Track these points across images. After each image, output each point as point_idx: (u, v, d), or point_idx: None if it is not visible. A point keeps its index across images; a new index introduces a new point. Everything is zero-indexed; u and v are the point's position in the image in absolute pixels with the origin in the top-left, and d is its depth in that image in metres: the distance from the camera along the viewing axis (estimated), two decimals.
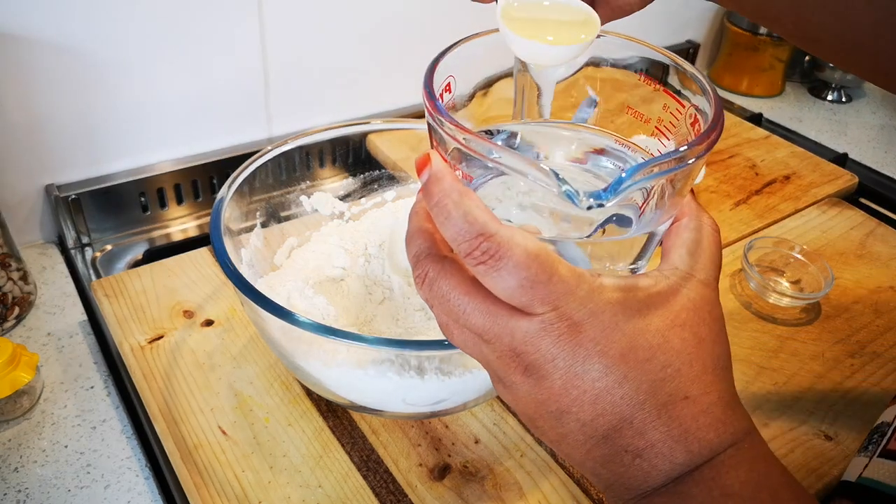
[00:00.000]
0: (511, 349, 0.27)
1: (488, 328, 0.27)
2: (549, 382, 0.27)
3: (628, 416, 0.27)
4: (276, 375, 0.50)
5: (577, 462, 0.29)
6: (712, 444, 0.26)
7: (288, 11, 0.70)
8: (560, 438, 0.28)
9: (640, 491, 0.27)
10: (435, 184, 0.27)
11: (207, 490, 0.42)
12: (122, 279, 0.58)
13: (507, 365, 0.28)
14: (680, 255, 0.29)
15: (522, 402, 0.28)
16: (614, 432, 0.27)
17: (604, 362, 0.26)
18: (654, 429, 0.26)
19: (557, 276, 0.26)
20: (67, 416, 0.50)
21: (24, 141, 0.62)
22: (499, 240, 0.25)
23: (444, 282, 0.28)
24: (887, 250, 0.67)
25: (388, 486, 0.43)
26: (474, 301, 0.27)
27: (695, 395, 0.27)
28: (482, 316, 0.27)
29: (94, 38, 0.61)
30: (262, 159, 0.50)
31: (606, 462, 0.28)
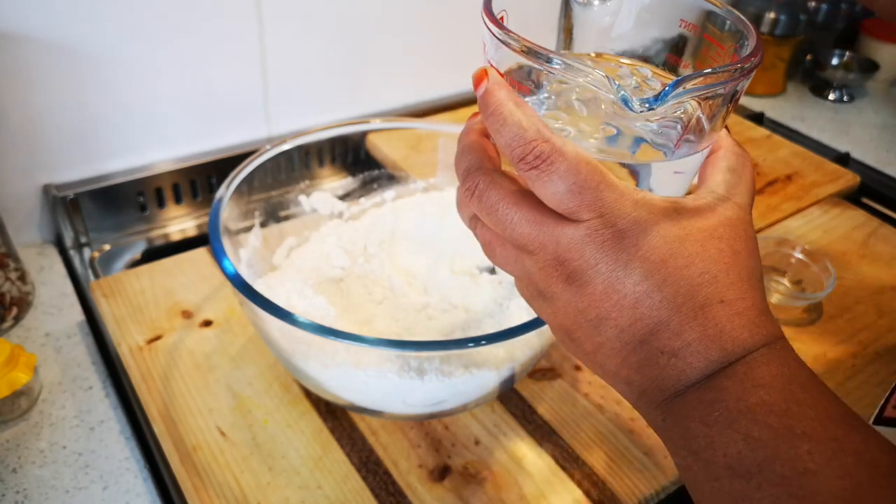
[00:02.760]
0: (555, 257, 0.28)
1: (534, 237, 0.29)
2: (590, 289, 0.28)
3: (665, 318, 0.28)
4: (275, 376, 0.50)
5: (611, 372, 0.30)
6: (746, 344, 0.27)
7: (286, 10, 0.70)
8: (596, 348, 0.29)
9: (675, 390, 0.28)
10: (491, 94, 0.28)
11: (206, 491, 0.42)
12: (120, 279, 0.57)
13: (550, 275, 0.29)
14: (717, 182, 0.30)
15: (561, 312, 0.30)
16: (651, 335, 0.28)
17: (645, 267, 0.28)
18: (691, 329, 0.28)
19: (605, 184, 0.27)
20: (66, 417, 0.50)
21: (22, 140, 0.62)
22: (552, 145, 0.27)
23: (494, 192, 0.29)
24: (889, 250, 0.67)
25: (387, 487, 0.43)
26: (521, 210, 0.29)
27: (730, 299, 0.28)
28: (529, 225, 0.29)
29: (93, 37, 0.61)
30: (260, 159, 0.49)
31: (642, 366, 0.29)
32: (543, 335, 0.43)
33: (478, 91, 0.29)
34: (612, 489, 0.44)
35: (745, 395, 0.27)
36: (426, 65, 0.84)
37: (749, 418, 0.26)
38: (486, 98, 0.28)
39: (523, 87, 0.30)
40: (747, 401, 0.27)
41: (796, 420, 0.26)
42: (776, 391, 0.27)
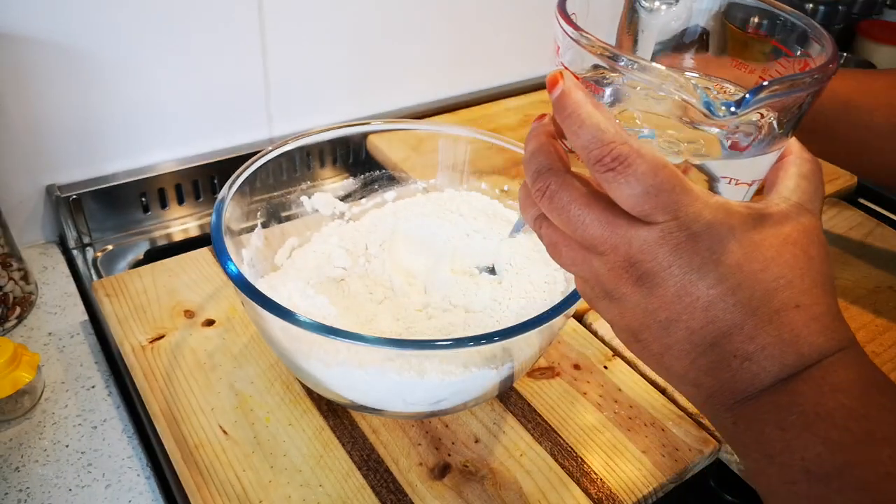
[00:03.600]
0: (626, 258, 0.28)
1: (606, 238, 0.28)
2: (661, 290, 0.28)
3: (739, 322, 0.27)
4: (277, 375, 0.50)
5: (678, 374, 0.30)
6: (822, 348, 0.27)
7: (288, 12, 0.70)
8: (664, 350, 0.29)
9: (747, 394, 0.28)
10: (568, 96, 0.28)
11: (208, 489, 0.42)
12: (123, 279, 0.58)
13: (620, 276, 0.29)
14: (789, 188, 0.30)
15: (629, 314, 0.29)
16: (723, 338, 0.28)
17: (719, 271, 0.27)
18: (766, 333, 0.27)
19: (681, 188, 0.27)
20: (68, 416, 0.50)
21: (25, 141, 0.63)
22: (629, 148, 0.27)
23: (566, 193, 0.29)
24: (886, 250, 0.68)
25: (388, 485, 0.44)
26: (594, 212, 0.29)
27: (806, 304, 0.28)
28: (601, 226, 0.28)
29: (95, 37, 0.61)
30: (262, 160, 0.50)
31: (712, 369, 0.28)
32: (543, 335, 0.43)
33: (553, 93, 0.29)
34: (610, 487, 0.44)
35: (823, 399, 0.27)
36: (427, 66, 0.84)
37: (828, 422, 0.26)
38: (562, 100, 0.28)
39: (597, 90, 0.30)
40: (825, 405, 0.27)
41: (876, 424, 0.26)
42: (854, 396, 0.27)
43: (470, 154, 0.58)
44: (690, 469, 0.46)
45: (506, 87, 0.93)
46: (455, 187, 0.60)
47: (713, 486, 0.54)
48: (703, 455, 0.47)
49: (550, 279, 0.51)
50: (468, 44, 0.86)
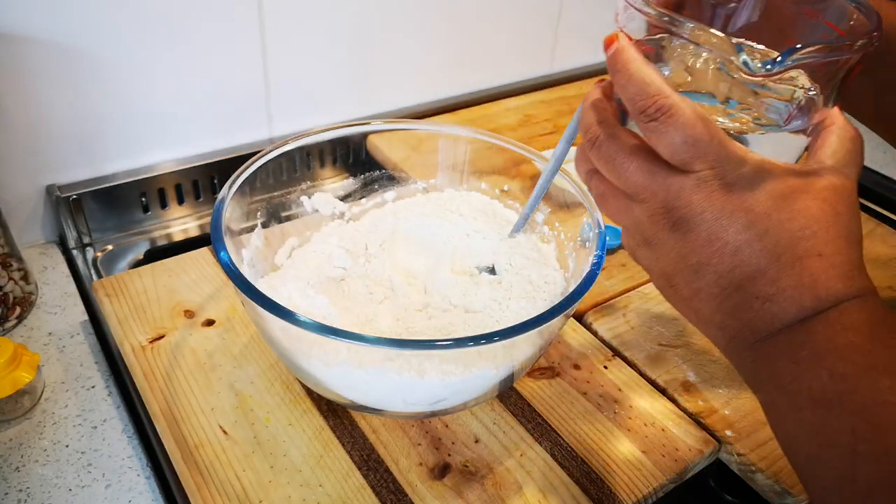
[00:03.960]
0: (664, 204, 0.31)
1: (646, 185, 0.31)
2: (693, 235, 0.31)
3: (764, 266, 0.30)
4: (277, 375, 0.50)
5: (705, 317, 0.32)
6: (839, 294, 0.29)
7: (288, 12, 0.70)
8: (693, 294, 0.32)
9: (766, 332, 0.30)
10: (620, 53, 0.31)
11: (208, 489, 0.42)
12: (123, 279, 0.58)
13: (657, 222, 0.32)
14: (826, 153, 0.32)
15: (664, 258, 0.32)
16: (748, 282, 0.30)
17: (748, 218, 0.30)
18: (787, 277, 0.29)
19: (718, 139, 0.30)
20: (68, 416, 0.50)
21: (24, 141, 0.63)
22: (672, 100, 0.30)
23: (613, 144, 0.32)
24: (886, 250, 0.68)
25: (388, 485, 0.44)
26: (637, 161, 0.31)
27: (828, 253, 0.30)
28: (642, 174, 0.31)
29: (95, 37, 0.61)
30: (262, 159, 0.50)
31: (736, 310, 0.31)
32: (543, 335, 0.43)
33: (608, 52, 0.32)
34: (610, 487, 0.44)
35: (834, 337, 0.29)
36: (427, 66, 0.84)
37: (835, 356, 0.28)
38: (615, 57, 0.31)
39: (650, 50, 0.33)
40: (835, 341, 0.29)
41: (879, 358, 0.28)
42: (863, 334, 0.29)
43: (470, 154, 0.58)
44: (690, 469, 0.46)
45: (506, 87, 0.93)
46: (455, 187, 0.60)
47: (713, 486, 0.54)
48: (703, 455, 0.47)
49: (550, 279, 0.51)
50: (468, 44, 0.86)
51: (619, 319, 0.57)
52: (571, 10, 0.93)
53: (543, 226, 0.56)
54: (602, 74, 1.08)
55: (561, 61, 0.98)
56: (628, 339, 0.55)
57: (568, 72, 0.99)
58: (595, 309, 0.58)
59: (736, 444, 0.47)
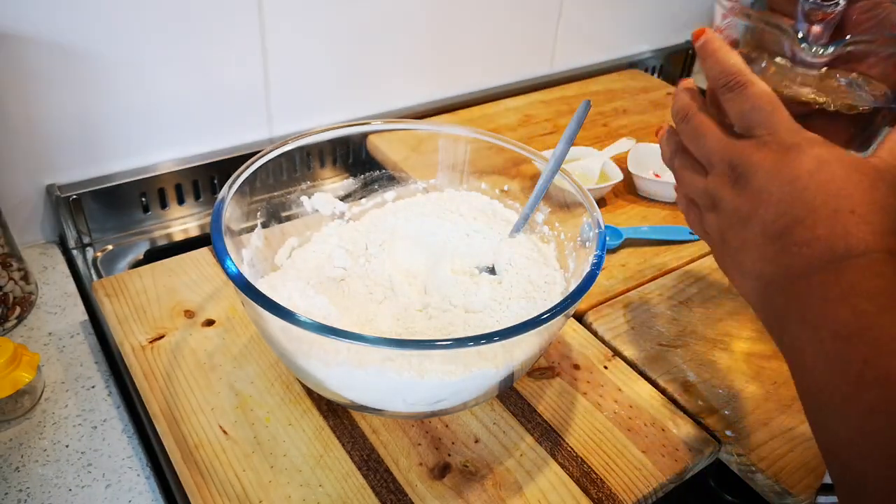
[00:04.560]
0: (729, 163, 0.37)
1: (717, 150, 0.38)
2: (749, 189, 0.36)
3: (802, 216, 0.34)
4: (277, 375, 0.50)
5: (746, 269, 0.37)
6: (869, 245, 0.32)
7: (288, 12, 0.70)
8: (741, 245, 0.37)
9: (800, 275, 0.34)
10: (709, 42, 0.39)
11: (208, 489, 0.42)
12: (122, 279, 0.58)
13: (723, 181, 0.37)
14: (885, 148, 0.36)
15: (723, 215, 0.38)
16: (788, 230, 0.34)
17: (794, 174, 0.34)
18: (823, 226, 0.33)
19: (779, 112, 0.36)
20: (68, 416, 0.50)
21: (25, 141, 0.63)
22: (749, 77, 0.37)
23: (698, 117, 0.39)
24: None
25: (388, 485, 0.44)
26: (713, 130, 0.38)
27: (861, 212, 0.33)
28: (716, 140, 0.38)
29: (95, 38, 0.61)
30: (262, 160, 0.50)
31: (777, 256, 0.35)
32: (543, 335, 0.43)
33: (698, 42, 0.39)
34: (610, 487, 0.44)
35: (862, 280, 0.32)
36: (427, 66, 0.84)
37: (861, 296, 0.31)
38: (705, 46, 0.39)
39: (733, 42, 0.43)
40: (863, 285, 0.32)
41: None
42: (889, 281, 0.31)
43: (470, 154, 0.58)
44: (690, 469, 0.46)
45: (506, 87, 0.93)
46: (455, 187, 0.60)
47: (713, 486, 0.54)
48: (703, 455, 0.47)
49: (550, 279, 0.51)
50: (468, 44, 0.86)
51: (619, 319, 0.57)
52: (571, 10, 0.93)
53: (543, 226, 0.56)
54: (601, 74, 1.08)
55: (561, 61, 0.98)
56: (628, 339, 0.55)
57: (568, 72, 0.99)
58: (595, 309, 0.58)
59: (736, 444, 0.47)
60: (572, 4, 0.92)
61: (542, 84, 0.95)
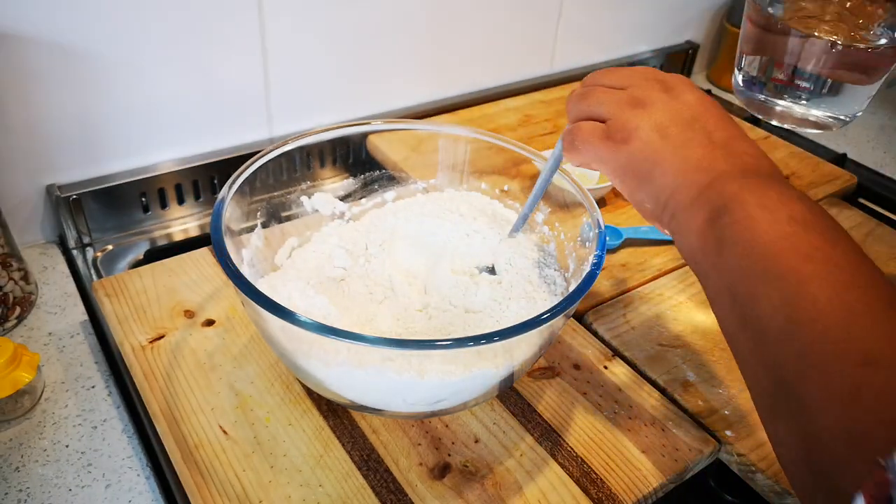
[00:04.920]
0: (655, 76, 0.41)
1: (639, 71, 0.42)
2: (685, 97, 0.39)
3: (737, 134, 0.38)
4: (277, 375, 0.50)
5: (695, 160, 0.37)
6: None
7: (288, 12, 0.70)
8: (686, 142, 0.38)
9: (755, 173, 0.36)
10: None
11: (208, 489, 0.42)
12: (122, 279, 0.58)
13: (651, 87, 0.40)
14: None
15: (659, 112, 0.39)
16: (732, 141, 0.38)
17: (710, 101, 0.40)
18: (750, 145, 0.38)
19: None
20: (68, 416, 0.50)
21: (25, 141, 0.63)
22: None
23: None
24: (886, 250, 0.68)
25: (388, 485, 0.44)
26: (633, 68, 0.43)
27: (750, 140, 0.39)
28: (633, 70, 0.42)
29: (95, 38, 0.61)
30: (262, 159, 0.50)
31: (725, 157, 0.37)
32: (543, 335, 0.43)
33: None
34: (610, 487, 0.44)
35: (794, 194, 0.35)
36: (427, 66, 0.84)
37: (810, 201, 0.34)
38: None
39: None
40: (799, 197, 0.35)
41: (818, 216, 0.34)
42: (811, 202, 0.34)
43: (470, 154, 0.58)
44: (690, 469, 0.46)
45: (506, 87, 0.93)
46: (455, 187, 0.60)
47: (713, 486, 0.54)
48: (703, 455, 0.47)
49: (550, 279, 0.51)
50: (468, 44, 0.86)
51: (619, 319, 0.57)
52: (571, 10, 0.93)
53: (543, 226, 0.56)
54: None
55: (561, 61, 0.98)
56: (628, 339, 0.55)
57: (568, 72, 0.99)
58: (595, 309, 0.58)
59: (736, 444, 0.47)
60: (572, 4, 0.92)
61: (542, 84, 0.95)
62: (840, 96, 0.52)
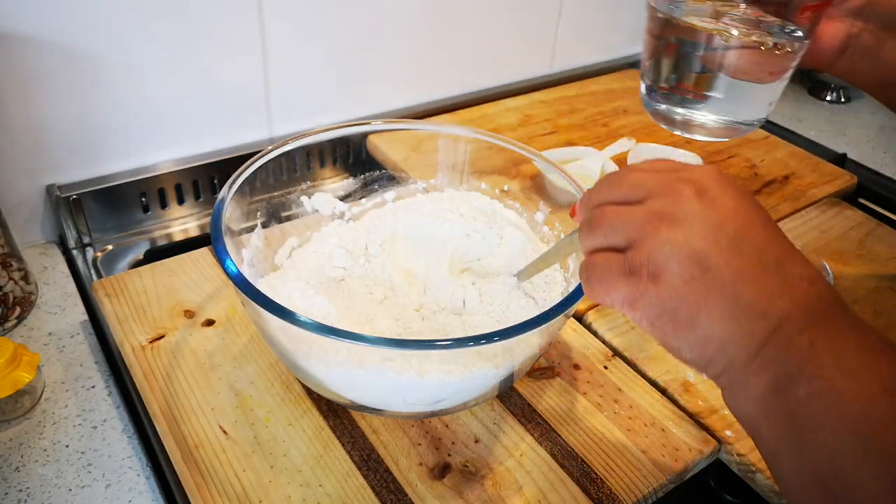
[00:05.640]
0: (681, 178, 0.31)
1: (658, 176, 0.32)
2: (723, 202, 0.30)
3: (789, 246, 0.30)
4: (277, 375, 0.50)
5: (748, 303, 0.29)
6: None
7: (288, 12, 0.70)
8: (737, 275, 0.29)
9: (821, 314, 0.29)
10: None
11: (208, 489, 0.42)
12: (122, 279, 0.58)
13: (680, 193, 0.31)
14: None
15: (697, 232, 0.29)
16: (786, 260, 0.29)
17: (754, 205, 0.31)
18: (806, 265, 0.30)
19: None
20: (68, 416, 0.50)
21: (25, 141, 0.63)
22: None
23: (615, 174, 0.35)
24: (886, 250, 0.68)
25: (388, 485, 0.44)
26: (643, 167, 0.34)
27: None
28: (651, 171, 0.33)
29: (95, 38, 0.61)
30: (262, 159, 0.50)
31: (783, 290, 0.29)
32: (543, 335, 0.43)
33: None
34: (610, 487, 0.44)
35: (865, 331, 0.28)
36: (427, 66, 0.84)
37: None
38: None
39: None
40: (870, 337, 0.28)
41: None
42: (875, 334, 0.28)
43: (470, 154, 0.58)
44: (690, 469, 0.46)
45: (506, 87, 0.93)
46: (455, 187, 0.60)
47: (713, 486, 0.54)
48: (703, 455, 0.47)
49: (550, 279, 0.51)
50: (468, 44, 0.86)
51: (619, 319, 0.57)
52: (571, 10, 0.93)
53: (543, 226, 0.56)
54: (601, 74, 1.08)
55: (561, 61, 0.98)
56: (628, 339, 0.55)
57: (568, 72, 0.99)
58: (595, 309, 0.58)
59: (736, 444, 0.47)
60: (572, 4, 0.92)
61: (542, 84, 0.95)
62: (739, 101, 0.51)
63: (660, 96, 0.53)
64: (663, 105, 0.53)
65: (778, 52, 0.45)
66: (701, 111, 0.52)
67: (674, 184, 0.31)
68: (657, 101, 0.53)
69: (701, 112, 0.52)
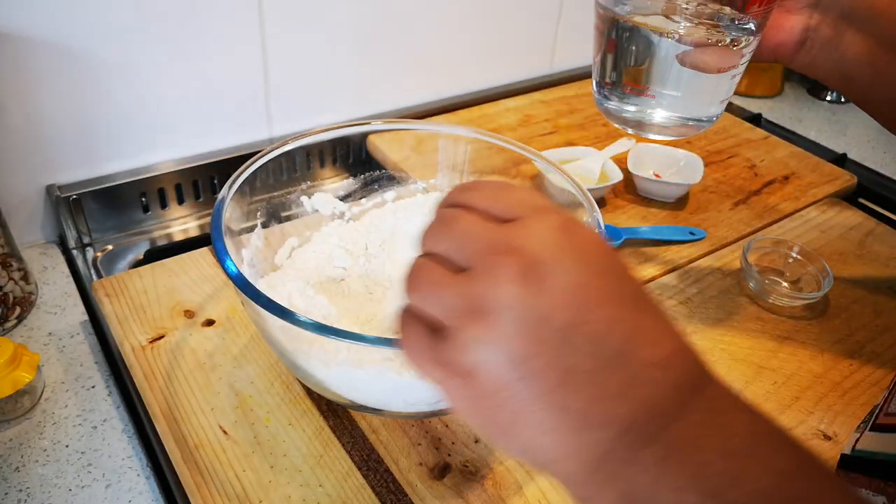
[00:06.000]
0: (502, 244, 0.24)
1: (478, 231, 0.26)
2: (551, 282, 0.22)
3: (640, 320, 0.23)
4: (277, 375, 0.50)
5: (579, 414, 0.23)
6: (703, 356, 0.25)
7: (288, 12, 0.70)
8: (564, 378, 0.22)
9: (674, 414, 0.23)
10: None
11: (208, 489, 0.42)
12: (123, 279, 0.58)
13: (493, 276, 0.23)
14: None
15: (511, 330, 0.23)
16: (632, 343, 0.22)
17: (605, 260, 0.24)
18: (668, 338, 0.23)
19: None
20: (68, 416, 0.50)
21: (25, 141, 0.63)
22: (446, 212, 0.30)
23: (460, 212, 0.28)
24: (886, 250, 0.68)
25: (388, 485, 0.44)
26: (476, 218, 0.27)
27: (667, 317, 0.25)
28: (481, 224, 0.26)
29: (95, 38, 0.61)
30: (262, 159, 0.50)
31: (627, 388, 0.22)
32: None
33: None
34: None
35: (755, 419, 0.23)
36: (427, 66, 0.84)
37: (771, 446, 0.22)
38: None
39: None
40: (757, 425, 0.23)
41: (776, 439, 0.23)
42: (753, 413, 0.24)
43: (470, 154, 0.58)
44: None
45: (506, 87, 0.93)
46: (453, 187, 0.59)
47: None
48: None
49: None
50: (468, 44, 0.86)
51: None
52: (571, 10, 0.93)
53: None
54: None
55: (561, 61, 0.98)
56: None
57: (568, 72, 0.99)
58: None
59: None
60: (572, 4, 0.92)
61: (542, 84, 0.95)
62: (689, 98, 0.49)
63: (608, 93, 0.52)
64: (613, 103, 0.52)
65: (734, 46, 0.45)
66: (651, 108, 0.50)
67: (498, 256, 0.23)
68: (606, 97, 0.52)
69: (651, 109, 0.50)
